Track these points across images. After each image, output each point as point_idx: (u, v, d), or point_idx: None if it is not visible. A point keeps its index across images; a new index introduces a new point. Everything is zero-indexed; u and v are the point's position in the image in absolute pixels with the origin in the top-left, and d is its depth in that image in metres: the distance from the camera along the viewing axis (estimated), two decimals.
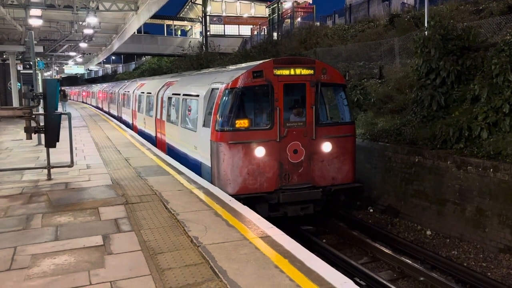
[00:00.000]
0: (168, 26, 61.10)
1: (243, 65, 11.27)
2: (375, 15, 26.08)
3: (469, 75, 12.03)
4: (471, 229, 9.53)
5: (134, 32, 38.20)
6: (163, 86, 15.10)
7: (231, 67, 12.36)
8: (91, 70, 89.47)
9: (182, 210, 6.73)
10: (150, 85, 18.20)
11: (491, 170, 9.19)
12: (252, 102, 10.16)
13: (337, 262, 8.45)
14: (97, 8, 25.05)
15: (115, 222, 6.31)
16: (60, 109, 12.82)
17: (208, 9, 50.66)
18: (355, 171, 10.22)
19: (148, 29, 58.74)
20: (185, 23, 63.34)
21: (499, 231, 8.99)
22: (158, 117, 14.86)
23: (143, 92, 18.31)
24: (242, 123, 9.25)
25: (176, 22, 61.86)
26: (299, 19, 38.90)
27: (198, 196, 7.57)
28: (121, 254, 5.14)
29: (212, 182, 9.09)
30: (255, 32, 46.26)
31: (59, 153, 10.39)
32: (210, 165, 9.53)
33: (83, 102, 55.48)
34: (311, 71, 9.45)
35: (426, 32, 13.39)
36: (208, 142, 9.55)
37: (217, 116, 9.26)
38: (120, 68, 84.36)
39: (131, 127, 20.76)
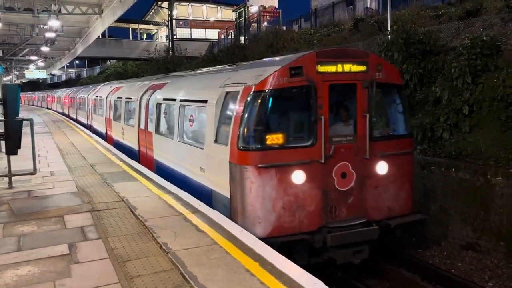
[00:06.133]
0: (133, 29, 60.41)
1: (268, 59, 8.80)
2: (340, 19, 26.56)
3: (431, 78, 12.43)
4: (435, 228, 9.80)
5: (99, 36, 37.55)
6: (147, 90, 12.57)
7: (251, 62, 9.66)
8: (54, 75, 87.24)
9: (151, 216, 6.64)
10: (130, 88, 15.57)
11: (453, 169, 9.49)
12: (287, 109, 7.57)
13: None
14: (59, 11, 24.49)
15: (81, 230, 6.15)
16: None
17: (174, 12, 50.28)
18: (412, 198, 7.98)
19: (113, 33, 57.95)
20: (151, 26, 62.76)
21: (462, 229, 9.28)
22: (142, 127, 12.29)
23: (120, 98, 15.59)
24: (275, 138, 6.81)
25: (141, 26, 61.22)
26: (265, 23, 39.18)
27: (167, 201, 7.48)
28: (88, 262, 5.02)
29: (231, 218, 6.76)
30: (222, 36, 46.24)
31: (21, 161, 10.06)
32: (228, 196, 7.09)
33: (47, 108, 53.14)
34: (364, 68, 7.23)
35: (389, 36, 13.74)
36: (224, 165, 7.12)
37: (240, 129, 6.78)
38: (85, 73, 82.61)
39: (105, 137, 17.79)
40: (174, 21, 47.12)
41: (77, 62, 79.94)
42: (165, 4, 49.71)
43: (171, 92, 10.65)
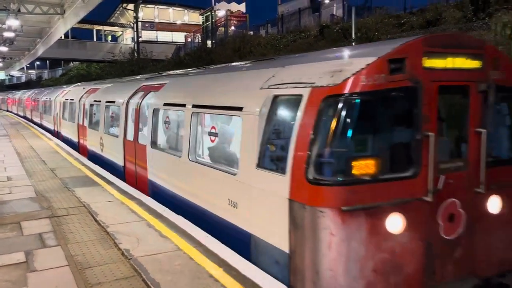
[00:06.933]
0: (98, 31, 59.31)
1: (341, 49, 6.18)
2: (306, 25, 26.94)
3: None
4: None
5: (61, 37, 36.57)
6: (136, 92, 10.23)
7: (309, 54, 6.91)
8: (13, 76, 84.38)
9: (113, 222, 6.49)
10: (111, 90, 13.26)
11: None
12: (382, 123, 5.04)
13: None
14: (19, 10, 23.68)
15: (39, 236, 5.94)
16: None
17: (140, 15, 49.69)
18: None
19: (76, 34, 56.66)
20: (116, 28, 61.75)
21: None
22: (130, 138, 9.92)
23: (98, 101, 13.07)
24: (365, 166, 4.55)
25: (106, 27, 60.18)
26: (232, 27, 39.27)
27: (129, 207, 7.33)
28: (46, 270, 4.84)
29: (292, 284, 4.73)
30: (189, 39, 46.01)
31: None
32: (285, 250, 4.81)
33: (7, 110, 50.61)
34: (478, 63, 5.04)
35: (353, 43, 14.03)
36: (276, 201, 4.83)
37: (311, 152, 4.45)
38: (46, 74, 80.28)
39: (77, 147, 15.23)
40: (139, 23, 46.53)
41: (38, 63, 77.60)
42: (131, 6, 49.03)
43: (176, 95, 8.28)
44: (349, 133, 4.51)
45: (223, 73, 7.64)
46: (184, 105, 7.36)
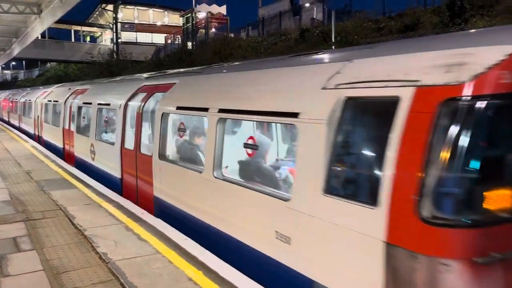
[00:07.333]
0: (76, 31, 58.49)
1: (443, 38, 4.83)
2: (286, 28, 27.10)
3: None
4: None
5: (38, 37, 35.87)
6: (136, 94, 8.91)
7: (401, 42, 6.07)
8: None
9: (90, 225, 6.38)
10: (103, 91, 11.87)
11: None
12: None
13: None
14: None
15: (13, 241, 5.80)
16: None
17: (120, 15, 49.20)
18: None
19: (53, 34, 55.76)
20: (94, 29, 61.04)
21: None
22: (130, 147, 8.54)
23: (87, 103, 11.62)
24: (503, 198, 3.08)
25: (84, 28, 59.41)
26: (213, 29, 39.23)
27: (107, 210, 7.22)
28: (20, 275, 4.73)
29: None
30: (169, 41, 45.75)
31: None
32: None
33: None
34: None
35: (333, 47, 14.17)
36: (360, 242, 3.50)
37: (422, 177, 3.07)
38: (22, 75, 78.69)
39: (61, 154, 13.72)
40: (119, 24, 46.06)
41: (13, 63, 75.98)
42: (110, 7, 48.54)
43: (193, 97, 6.82)
44: (486, 152, 3.19)
45: (259, 70, 6.02)
46: (206, 109, 5.91)
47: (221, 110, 5.62)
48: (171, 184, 6.92)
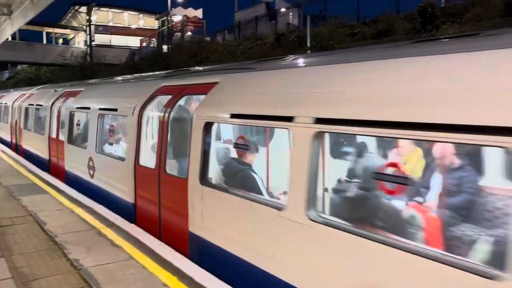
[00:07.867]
0: (48, 33, 57.32)
1: None
2: (263, 33, 27.23)
3: None
4: None
5: (8, 38, 34.99)
6: (154, 97, 7.09)
7: None
8: None
9: (62, 231, 6.23)
10: (101, 94, 9.95)
11: None
12: None
13: None
14: None
15: None
16: None
17: (94, 18, 48.52)
18: None
19: (24, 36, 54.40)
20: (67, 31, 59.96)
21: None
22: (151, 165, 6.58)
23: (85, 108, 9.71)
24: None
25: (57, 30, 58.28)
26: (189, 33, 39.07)
27: (80, 215, 7.07)
28: None
29: None
30: (144, 44, 45.34)
31: None
32: None
33: None
34: None
35: (309, 51, 14.31)
36: None
37: None
38: None
39: (47, 166, 11.79)
40: (92, 27, 45.40)
41: None
42: (83, 9, 47.79)
43: (255, 101, 4.80)
44: None
45: (370, 61, 3.83)
46: (289, 119, 4.03)
47: (319, 120, 3.78)
48: (222, 221, 5.04)
